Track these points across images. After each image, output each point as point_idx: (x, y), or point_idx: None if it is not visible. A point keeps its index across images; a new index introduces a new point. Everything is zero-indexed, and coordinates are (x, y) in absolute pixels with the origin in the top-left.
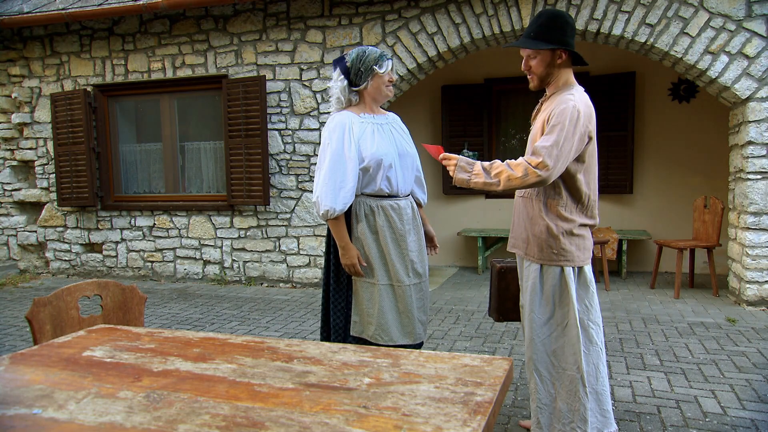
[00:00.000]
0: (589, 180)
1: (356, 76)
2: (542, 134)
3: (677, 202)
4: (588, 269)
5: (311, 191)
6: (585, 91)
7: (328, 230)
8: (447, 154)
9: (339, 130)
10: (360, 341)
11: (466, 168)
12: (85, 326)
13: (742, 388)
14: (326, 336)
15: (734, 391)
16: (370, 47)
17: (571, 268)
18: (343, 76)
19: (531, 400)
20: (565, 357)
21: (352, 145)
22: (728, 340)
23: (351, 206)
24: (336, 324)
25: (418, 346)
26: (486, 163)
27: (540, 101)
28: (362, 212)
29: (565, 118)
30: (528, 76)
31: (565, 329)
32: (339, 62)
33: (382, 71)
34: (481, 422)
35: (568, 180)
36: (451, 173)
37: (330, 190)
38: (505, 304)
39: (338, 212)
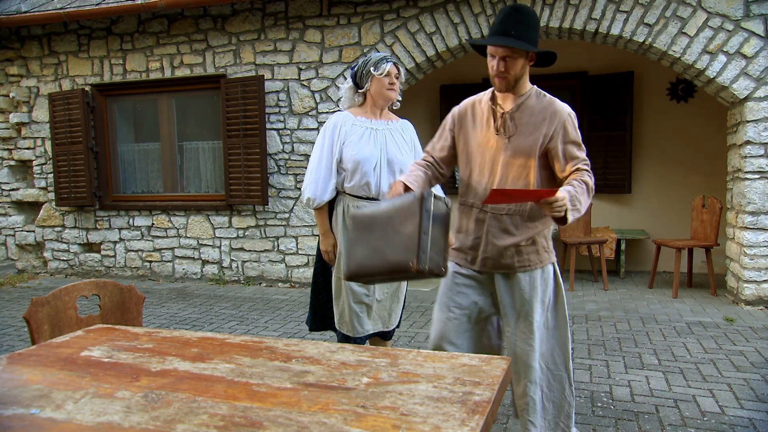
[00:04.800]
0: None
1: (360, 78)
2: (565, 146)
3: (675, 201)
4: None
5: None
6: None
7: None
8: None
9: (329, 129)
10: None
11: (575, 204)
12: (83, 326)
13: (740, 388)
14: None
15: (732, 390)
16: (380, 53)
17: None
18: (350, 78)
19: (519, 404)
20: (553, 358)
21: (336, 145)
22: (726, 340)
23: (333, 200)
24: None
25: (386, 335)
26: (568, 188)
27: (493, 105)
28: (340, 208)
29: (577, 127)
30: (497, 79)
31: (553, 331)
32: (353, 65)
33: (377, 73)
34: (479, 422)
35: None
36: (567, 216)
37: (313, 181)
38: None
39: (318, 202)
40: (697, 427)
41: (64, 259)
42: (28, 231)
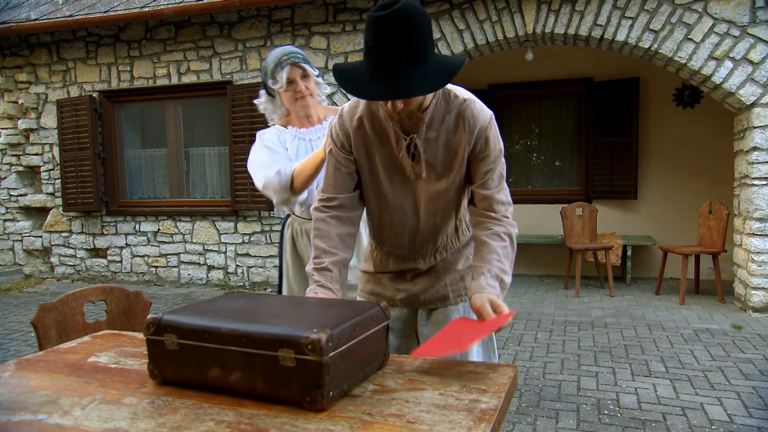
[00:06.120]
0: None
1: (270, 91)
2: (482, 165)
3: (682, 207)
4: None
5: None
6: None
7: (281, 236)
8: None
9: (262, 147)
10: None
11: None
12: (90, 332)
13: (748, 396)
14: None
15: (740, 398)
16: (277, 50)
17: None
18: (263, 90)
19: None
20: None
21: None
22: (734, 347)
23: (286, 225)
24: None
25: None
26: (494, 269)
27: (395, 126)
28: (289, 233)
29: (499, 137)
30: (396, 116)
31: None
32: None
33: (277, 87)
34: (485, 429)
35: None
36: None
37: (263, 175)
38: None
39: (283, 174)
40: None
41: (71, 264)
42: (35, 236)
